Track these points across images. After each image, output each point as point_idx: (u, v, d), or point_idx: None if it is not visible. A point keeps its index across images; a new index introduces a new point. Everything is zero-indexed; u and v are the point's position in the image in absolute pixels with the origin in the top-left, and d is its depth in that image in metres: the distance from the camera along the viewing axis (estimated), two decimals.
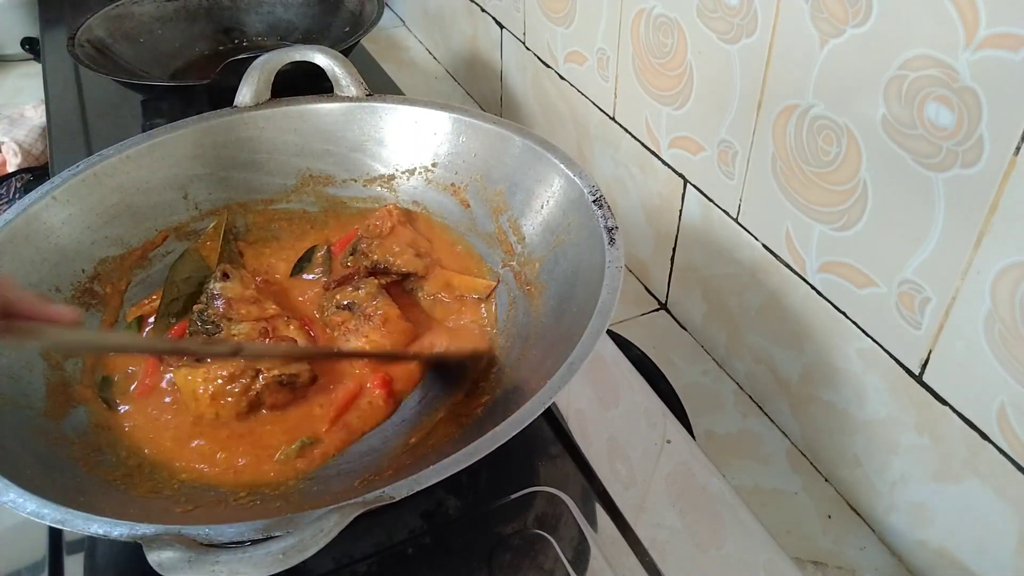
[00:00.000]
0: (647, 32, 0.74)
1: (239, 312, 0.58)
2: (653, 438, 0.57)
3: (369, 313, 0.59)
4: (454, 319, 0.62)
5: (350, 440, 0.54)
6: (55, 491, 0.42)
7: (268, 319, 0.59)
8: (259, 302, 0.60)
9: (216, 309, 0.58)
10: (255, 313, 0.59)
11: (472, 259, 0.65)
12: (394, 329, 0.59)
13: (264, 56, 0.70)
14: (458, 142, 0.67)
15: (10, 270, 0.55)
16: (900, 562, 0.62)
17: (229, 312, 0.58)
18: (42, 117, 1.17)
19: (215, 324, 0.58)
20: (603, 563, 0.48)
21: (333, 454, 0.53)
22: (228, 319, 0.58)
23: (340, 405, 0.55)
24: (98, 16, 0.98)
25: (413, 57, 1.34)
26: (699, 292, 0.78)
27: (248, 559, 0.35)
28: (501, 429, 0.42)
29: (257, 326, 0.58)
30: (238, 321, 0.58)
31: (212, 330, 0.57)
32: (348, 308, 0.59)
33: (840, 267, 0.60)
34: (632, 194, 0.85)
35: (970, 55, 0.46)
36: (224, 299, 0.59)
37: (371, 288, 0.60)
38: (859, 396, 0.61)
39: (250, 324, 0.58)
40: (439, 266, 0.64)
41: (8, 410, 0.49)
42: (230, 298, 0.59)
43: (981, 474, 0.53)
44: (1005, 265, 0.47)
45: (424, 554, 0.49)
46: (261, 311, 0.59)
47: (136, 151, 0.64)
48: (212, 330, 0.57)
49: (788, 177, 0.62)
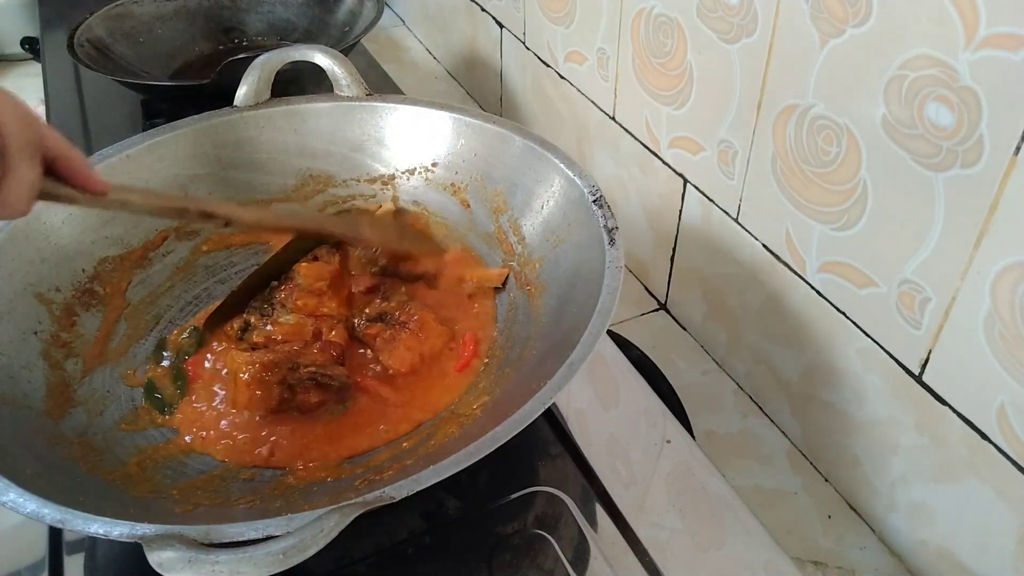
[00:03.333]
0: (647, 32, 0.74)
1: (296, 303, 0.59)
2: (653, 438, 0.57)
3: (404, 320, 0.58)
4: (464, 314, 0.62)
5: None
6: (55, 491, 0.42)
7: (319, 316, 0.59)
8: (323, 296, 0.60)
9: (282, 292, 0.59)
10: (311, 306, 0.59)
11: (472, 259, 0.65)
12: (431, 333, 0.58)
13: (264, 56, 0.70)
14: (458, 142, 0.67)
15: (10, 270, 0.55)
16: (900, 562, 0.62)
17: (288, 299, 0.59)
18: (42, 117, 1.17)
19: (272, 306, 0.58)
20: (603, 563, 0.48)
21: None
22: (283, 306, 0.58)
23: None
24: (98, 16, 0.98)
25: (413, 57, 1.34)
26: (699, 292, 0.78)
27: (248, 559, 0.35)
28: (501, 429, 0.42)
29: (304, 320, 0.58)
30: (290, 310, 0.58)
31: (268, 311, 0.58)
32: (380, 319, 0.59)
33: (840, 267, 0.59)
34: (632, 194, 0.85)
35: (970, 55, 0.46)
36: (294, 283, 0.59)
37: (400, 296, 0.60)
38: (859, 396, 0.61)
39: (297, 317, 0.58)
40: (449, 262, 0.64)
41: (8, 410, 0.49)
42: (299, 284, 0.59)
43: (981, 474, 0.53)
44: (1005, 265, 0.47)
45: (424, 554, 0.49)
46: (318, 306, 0.59)
47: (136, 151, 0.64)
48: (268, 311, 0.58)
49: (788, 177, 0.62)
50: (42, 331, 0.56)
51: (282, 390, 0.54)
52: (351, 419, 0.55)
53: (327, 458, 0.53)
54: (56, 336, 0.56)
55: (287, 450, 0.53)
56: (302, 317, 0.58)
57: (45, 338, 0.55)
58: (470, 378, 0.57)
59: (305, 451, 0.53)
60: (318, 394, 0.55)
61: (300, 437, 0.54)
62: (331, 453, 0.53)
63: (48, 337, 0.56)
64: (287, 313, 0.58)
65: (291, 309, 0.58)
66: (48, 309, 0.57)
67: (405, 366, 0.57)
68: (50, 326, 0.56)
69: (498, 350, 0.59)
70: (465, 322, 0.61)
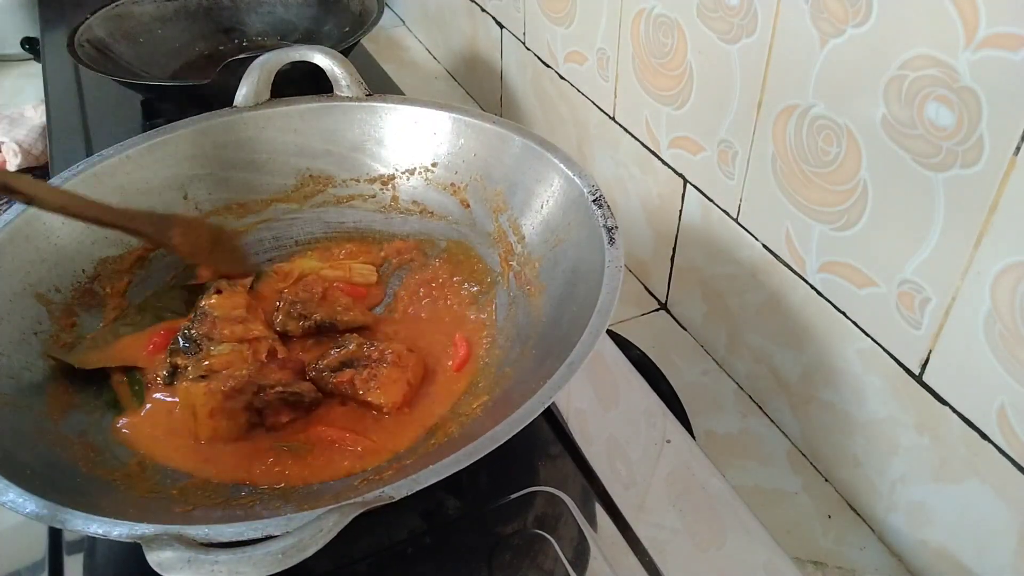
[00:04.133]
0: (647, 32, 0.74)
1: (222, 332, 0.57)
2: (653, 438, 0.57)
3: (376, 357, 0.56)
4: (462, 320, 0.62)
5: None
6: (55, 491, 0.42)
7: (251, 340, 0.57)
8: (246, 322, 0.58)
9: (201, 328, 0.57)
10: (239, 333, 0.57)
11: (472, 259, 0.65)
12: (408, 362, 0.56)
13: (264, 56, 0.70)
14: (458, 142, 0.67)
15: (10, 270, 0.55)
16: (900, 562, 0.62)
17: (212, 332, 0.57)
18: (42, 117, 1.17)
19: (196, 344, 0.56)
20: (603, 563, 0.48)
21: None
22: (209, 339, 0.56)
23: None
24: (98, 16, 0.98)
25: (413, 57, 1.34)
26: (699, 292, 0.78)
27: (248, 559, 0.35)
28: (501, 429, 0.41)
29: (239, 347, 0.56)
30: (219, 341, 0.56)
31: (193, 349, 0.56)
32: (347, 366, 0.56)
33: (840, 267, 0.59)
34: (632, 194, 0.85)
35: (970, 55, 0.46)
36: (211, 318, 0.57)
37: (355, 339, 0.58)
38: (859, 396, 0.61)
39: (230, 345, 0.56)
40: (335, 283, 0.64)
41: (8, 410, 0.49)
42: (216, 316, 0.57)
43: (981, 474, 0.53)
44: (1005, 265, 0.47)
45: (424, 554, 0.49)
46: (245, 331, 0.57)
47: (136, 151, 0.64)
48: (193, 349, 0.56)
49: (788, 177, 0.62)
50: (42, 331, 0.56)
51: (249, 415, 0.53)
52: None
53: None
54: (56, 336, 0.56)
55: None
56: (235, 344, 0.56)
57: (45, 338, 0.55)
58: (466, 380, 0.57)
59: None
60: (288, 413, 0.54)
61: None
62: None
63: (48, 337, 0.56)
64: (217, 344, 0.56)
65: (219, 340, 0.56)
66: (48, 309, 0.57)
67: (398, 398, 0.55)
68: (50, 326, 0.56)
69: (498, 350, 0.59)
70: (463, 327, 0.61)
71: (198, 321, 0.57)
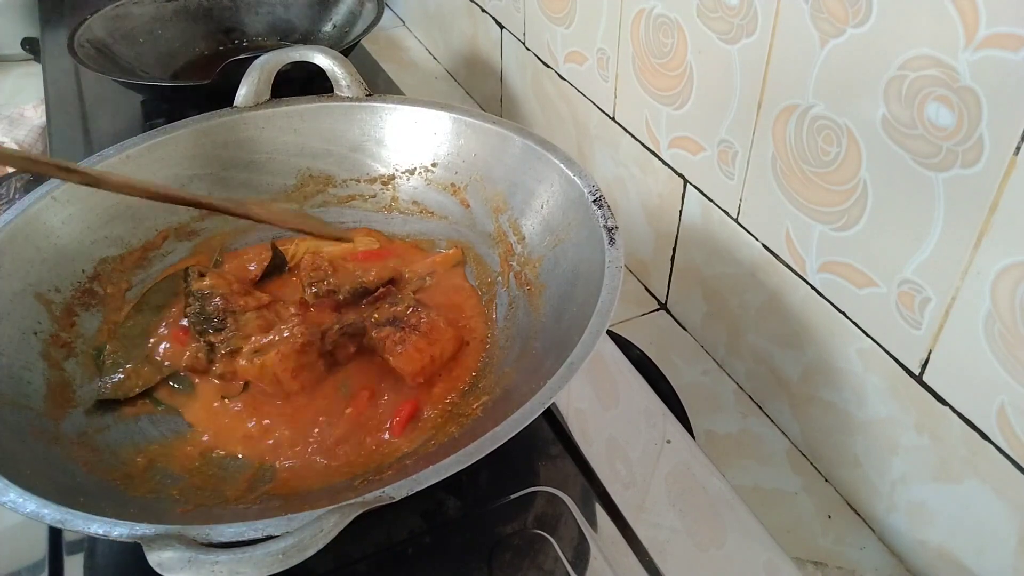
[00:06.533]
0: (647, 32, 0.74)
1: (238, 304, 0.58)
2: (653, 438, 0.57)
3: (414, 323, 0.57)
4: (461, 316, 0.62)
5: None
6: (55, 491, 0.42)
7: (267, 306, 0.59)
8: (249, 293, 0.60)
9: (216, 306, 0.58)
10: (252, 303, 0.59)
11: (472, 259, 0.65)
12: (442, 336, 0.57)
13: (264, 56, 0.70)
14: (458, 142, 0.67)
15: (10, 270, 0.55)
16: (900, 562, 0.62)
17: (228, 306, 0.58)
18: (42, 117, 1.17)
19: (221, 319, 0.57)
20: (603, 563, 0.48)
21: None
22: (232, 312, 0.57)
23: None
24: (98, 16, 0.98)
25: (413, 57, 1.34)
26: (699, 292, 0.78)
27: (248, 559, 0.35)
28: (501, 429, 0.42)
29: (264, 312, 0.58)
30: (243, 311, 0.58)
31: (219, 326, 0.57)
32: (391, 323, 0.58)
33: (840, 267, 0.60)
34: (632, 194, 0.85)
35: (970, 55, 0.46)
36: (215, 295, 0.58)
37: (408, 300, 0.60)
38: (859, 396, 0.61)
39: (255, 312, 0.58)
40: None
41: (8, 410, 0.49)
42: (223, 293, 0.58)
43: (981, 474, 0.53)
44: (1005, 265, 0.47)
45: (424, 554, 0.49)
46: (257, 300, 0.59)
47: (136, 151, 0.64)
48: (219, 326, 0.57)
49: (788, 177, 0.62)
50: (42, 331, 0.56)
51: (324, 358, 0.56)
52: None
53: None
54: (56, 336, 0.56)
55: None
56: (257, 311, 0.58)
57: (45, 338, 0.55)
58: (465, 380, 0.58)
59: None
60: (353, 343, 0.57)
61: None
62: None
63: (48, 337, 0.56)
64: (243, 315, 0.57)
65: (242, 311, 0.58)
66: (48, 309, 0.57)
67: (414, 367, 0.56)
68: (50, 326, 0.56)
69: (498, 350, 0.59)
70: (463, 323, 0.61)
71: (204, 301, 0.58)
